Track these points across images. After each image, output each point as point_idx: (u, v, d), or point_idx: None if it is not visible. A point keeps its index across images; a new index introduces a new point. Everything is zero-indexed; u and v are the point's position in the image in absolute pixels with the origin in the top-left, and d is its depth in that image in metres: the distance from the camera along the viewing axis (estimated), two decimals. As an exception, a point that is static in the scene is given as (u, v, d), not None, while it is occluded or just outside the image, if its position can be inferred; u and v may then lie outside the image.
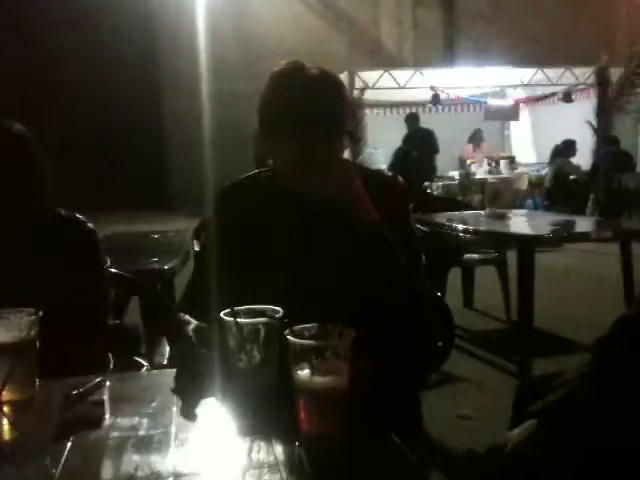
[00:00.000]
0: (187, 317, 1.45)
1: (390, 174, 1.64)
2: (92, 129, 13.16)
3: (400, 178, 1.59)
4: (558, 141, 9.93)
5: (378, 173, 1.67)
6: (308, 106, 1.42)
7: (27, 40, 12.92)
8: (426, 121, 11.95)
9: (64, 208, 1.83)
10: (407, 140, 9.80)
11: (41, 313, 1.30)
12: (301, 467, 1.01)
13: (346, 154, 1.61)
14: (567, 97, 10.98)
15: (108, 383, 1.35)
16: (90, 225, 1.83)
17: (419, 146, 9.32)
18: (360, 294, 1.38)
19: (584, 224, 4.35)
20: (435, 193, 9.03)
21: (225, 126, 11.43)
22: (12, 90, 11.47)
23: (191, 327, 1.37)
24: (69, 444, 1.10)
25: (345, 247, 1.42)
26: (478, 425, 3.10)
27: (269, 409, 1.16)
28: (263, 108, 1.47)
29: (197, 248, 3.82)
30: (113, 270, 2.21)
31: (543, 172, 10.47)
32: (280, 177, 1.50)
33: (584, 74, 10.99)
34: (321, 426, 1.07)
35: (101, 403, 1.25)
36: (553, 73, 10.96)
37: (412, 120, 10.24)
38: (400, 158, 8.93)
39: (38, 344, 1.31)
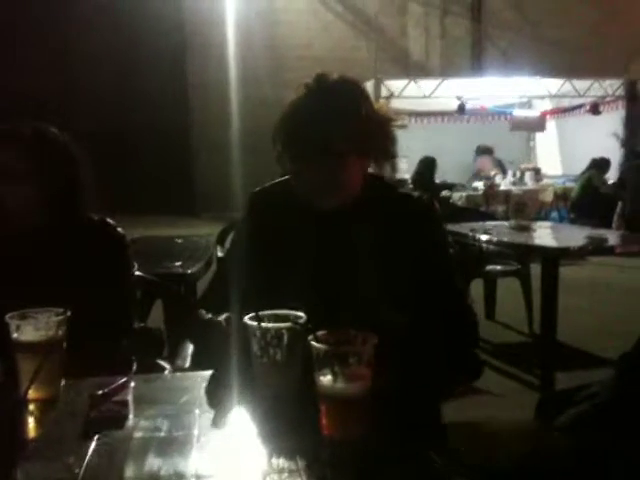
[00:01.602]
0: (209, 315, 1.47)
1: (425, 197, 1.59)
2: (119, 133, 13.31)
3: (435, 202, 1.57)
4: (584, 153, 9.83)
5: (412, 196, 1.60)
6: (305, 128, 1.40)
7: (58, 44, 13.12)
8: (451, 131, 11.94)
9: (93, 211, 1.86)
10: None
11: (69, 313, 1.32)
12: (322, 472, 1.02)
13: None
14: (595, 109, 10.87)
15: (132, 384, 1.36)
16: (120, 230, 1.86)
17: None
18: (386, 306, 1.39)
19: (610, 237, 4.29)
20: (459, 203, 8.99)
21: (252, 133, 11.48)
22: (39, 92, 11.69)
23: (222, 317, 1.38)
24: (93, 443, 1.11)
25: (368, 261, 1.42)
26: (498, 438, 3.07)
27: (291, 414, 1.17)
28: (275, 125, 1.46)
29: (220, 253, 3.85)
30: (138, 273, 2.24)
31: (569, 184, 10.37)
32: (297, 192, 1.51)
33: (612, 86, 10.88)
34: (343, 431, 1.07)
35: (125, 403, 1.27)
36: (581, 85, 10.86)
37: None
38: None
39: (65, 344, 1.33)
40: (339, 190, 1.45)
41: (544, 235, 4.78)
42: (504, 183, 10.39)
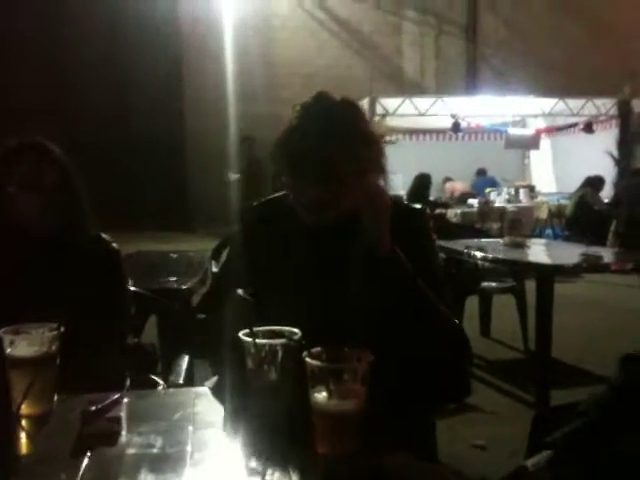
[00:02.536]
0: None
1: (419, 207, 1.64)
2: (115, 147, 13.31)
3: (428, 211, 1.60)
4: (578, 171, 9.88)
5: (408, 206, 1.65)
6: (305, 150, 1.39)
7: (54, 57, 13.15)
8: (445, 149, 12.00)
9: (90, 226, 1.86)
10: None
11: (62, 329, 1.32)
12: (316, 490, 1.01)
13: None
14: (588, 128, 10.94)
15: (125, 400, 1.36)
16: (115, 245, 1.87)
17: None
18: (378, 322, 1.38)
19: (604, 255, 4.31)
20: (454, 220, 9.01)
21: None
22: (36, 105, 11.71)
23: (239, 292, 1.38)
24: (86, 459, 1.10)
25: (362, 276, 1.42)
26: (492, 455, 3.06)
27: (285, 430, 1.16)
28: (276, 145, 1.45)
29: (215, 269, 3.85)
30: (132, 288, 2.23)
31: (563, 202, 10.41)
32: (297, 210, 1.51)
33: (606, 105, 10.96)
34: (337, 448, 1.07)
35: (118, 420, 1.26)
36: (575, 103, 10.94)
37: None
38: None
39: (58, 359, 1.32)
40: (336, 209, 1.45)
41: (539, 252, 4.79)
42: (499, 200, 10.44)
